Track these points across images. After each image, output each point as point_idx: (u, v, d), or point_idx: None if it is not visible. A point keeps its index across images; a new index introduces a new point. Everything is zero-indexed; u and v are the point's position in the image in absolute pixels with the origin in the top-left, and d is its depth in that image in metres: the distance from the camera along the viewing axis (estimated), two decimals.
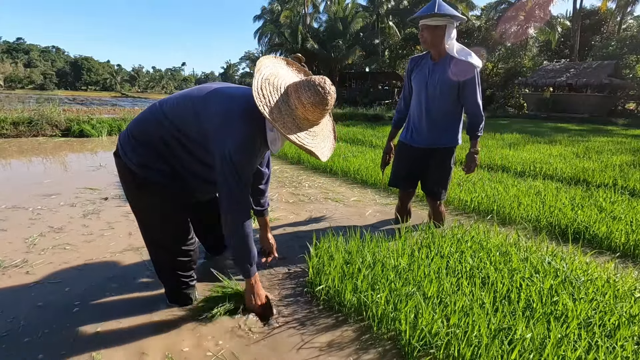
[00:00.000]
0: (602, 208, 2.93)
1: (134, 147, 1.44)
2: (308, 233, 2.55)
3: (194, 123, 1.38)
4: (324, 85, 1.29)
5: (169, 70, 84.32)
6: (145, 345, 1.40)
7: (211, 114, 1.36)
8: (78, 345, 1.39)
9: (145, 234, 1.58)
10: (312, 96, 1.28)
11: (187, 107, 1.41)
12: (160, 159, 1.44)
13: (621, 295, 1.61)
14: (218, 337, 1.46)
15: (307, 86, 1.29)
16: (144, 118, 1.47)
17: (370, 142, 6.52)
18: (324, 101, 1.30)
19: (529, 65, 22.54)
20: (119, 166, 1.49)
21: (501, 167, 4.74)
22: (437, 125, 2.41)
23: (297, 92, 1.30)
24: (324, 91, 1.29)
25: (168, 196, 1.49)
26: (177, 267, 1.60)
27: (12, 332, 1.45)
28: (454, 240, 2.12)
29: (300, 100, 1.29)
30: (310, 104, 1.29)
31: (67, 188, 3.40)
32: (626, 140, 7.95)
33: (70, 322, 1.52)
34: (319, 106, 1.30)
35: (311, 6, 27.82)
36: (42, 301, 1.65)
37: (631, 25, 26.23)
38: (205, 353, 1.37)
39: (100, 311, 1.59)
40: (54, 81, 55.02)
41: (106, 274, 1.89)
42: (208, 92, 1.42)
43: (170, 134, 1.41)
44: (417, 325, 1.39)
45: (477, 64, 2.21)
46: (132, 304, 1.66)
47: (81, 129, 6.65)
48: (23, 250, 2.12)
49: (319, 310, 1.65)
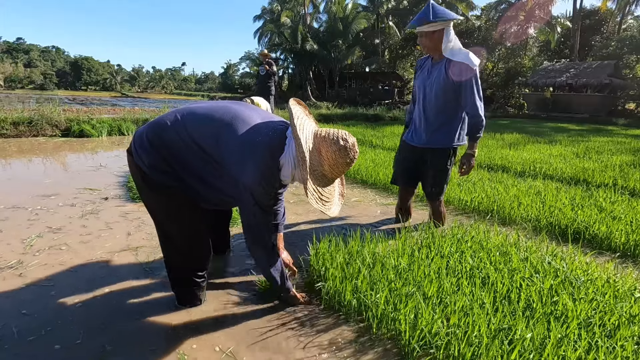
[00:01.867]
0: (602, 208, 2.93)
1: (148, 150, 1.44)
2: (308, 233, 2.55)
3: (213, 145, 1.40)
4: (351, 147, 1.37)
5: (169, 70, 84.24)
6: (153, 344, 1.40)
7: (233, 143, 1.37)
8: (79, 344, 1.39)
9: (159, 230, 1.59)
10: (340, 157, 1.36)
11: (209, 128, 1.41)
12: (171, 165, 1.44)
13: (621, 295, 1.61)
14: (226, 335, 1.46)
15: (336, 146, 1.35)
16: (163, 125, 1.44)
17: (370, 142, 6.52)
18: (350, 162, 1.38)
19: (529, 65, 22.51)
20: (130, 164, 1.51)
21: (501, 167, 4.74)
22: (432, 126, 2.41)
23: (326, 148, 1.36)
24: (352, 153, 1.37)
25: (178, 197, 1.49)
26: (188, 266, 1.60)
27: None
28: (454, 240, 2.12)
29: (328, 158, 1.36)
30: (337, 164, 1.37)
31: (66, 188, 3.39)
32: (626, 140, 7.95)
33: (70, 323, 1.51)
34: (343, 166, 1.38)
35: (311, 6, 27.81)
36: (38, 303, 1.65)
37: (631, 25, 26.22)
38: (214, 348, 1.37)
39: (101, 311, 1.59)
40: (54, 81, 54.97)
41: (107, 274, 1.89)
42: (233, 117, 1.42)
43: (187, 145, 1.41)
44: (417, 326, 1.39)
45: (473, 64, 2.19)
46: (133, 305, 1.66)
47: (81, 129, 6.64)
48: (19, 252, 2.11)
49: (319, 310, 1.65)
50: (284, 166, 1.39)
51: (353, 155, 1.37)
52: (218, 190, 1.49)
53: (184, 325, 1.53)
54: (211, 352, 1.38)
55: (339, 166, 1.37)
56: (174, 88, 67.99)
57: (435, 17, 2.14)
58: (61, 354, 1.35)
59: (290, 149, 1.38)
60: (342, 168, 1.38)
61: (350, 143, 1.36)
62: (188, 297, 1.64)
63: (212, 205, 1.63)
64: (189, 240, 1.57)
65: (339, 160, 1.36)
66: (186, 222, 1.56)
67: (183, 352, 1.37)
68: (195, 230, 1.59)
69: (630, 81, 18.19)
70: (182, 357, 1.34)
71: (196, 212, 1.58)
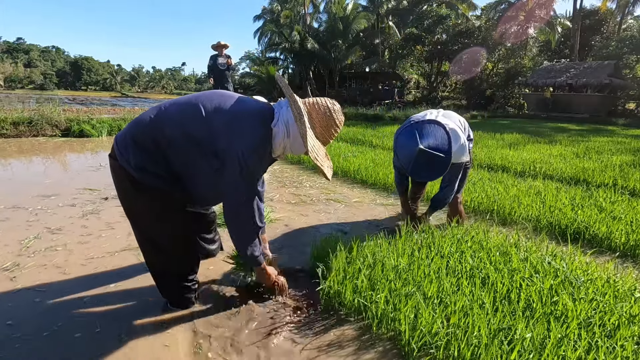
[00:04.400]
0: (602, 208, 2.93)
1: (133, 150, 1.38)
2: (309, 234, 2.55)
3: (201, 124, 1.37)
4: (338, 110, 1.50)
5: (169, 70, 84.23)
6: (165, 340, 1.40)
7: (222, 114, 1.37)
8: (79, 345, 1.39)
9: (142, 237, 1.53)
10: (330, 119, 1.48)
11: (194, 111, 1.38)
12: (159, 164, 1.39)
13: (621, 295, 1.61)
14: (226, 335, 1.46)
15: (326, 108, 1.47)
16: (147, 120, 1.41)
17: (370, 142, 6.52)
18: (339, 123, 1.51)
19: (529, 65, 22.50)
20: (115, 168, 1.43)
21: (501, 167, 4.74)
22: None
23: (316, 111, 1.47)
24: (340, 115, 1.50)
25: (166, 198, 1.44)
26: (178, 271, 1.57)
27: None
28: (454, 240, 2.12)
29: (319, 120, 1.47)
30: (328, 126, 1.48)
31: (66, 188, 3.39)
32: (626, 140, 7.94)
33: (69, 324, 1.51)
34: (334, 127, 1.49)
35: (311, 6, 27.80)
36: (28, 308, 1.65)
37: (631, 25, 26.20)
38: (207, 355, 1.37)
39: (103, 309, 1.60)
40: (54, 81, 54.98)
41: (105, 274, 1.89)
42: (216, 94, 1.45)
43: (175, 136, 1.37)
44: (417, 326, 1.39)
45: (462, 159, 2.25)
46: (133, 305, 1.66)
47: (81, 129, 6.64)
48: (16, 253, 2.09)
49: (319, 310, 1.65)
50: (276, 135, 1.43)
51: (341, 117, 1.52)
52: (206, 182, 1.45)
53: (184, 324, 1.53)
54: (211, 351, 1.38)
55: (329, 128, 1.48)
56: (174, 88, 67.98)
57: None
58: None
59: (281, 116, 1.43)
60: (332, 130, 1.49)
61: (337, 107, 1.50)
62: (180, 301, 1.61)
63: (204, 201, 1.60)
64: (179, 243, 1.54)
65: (330, 122, 1.47)
66: (175, 224, 1.51)
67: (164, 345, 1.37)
68: (185, 233, 1.56)
69: (630, 81, 18.18)
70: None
71: (184, 213, 1.56)
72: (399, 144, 2.23)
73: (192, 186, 1.47)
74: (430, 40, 23.84)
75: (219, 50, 7.68)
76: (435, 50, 23.50)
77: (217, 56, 7.65)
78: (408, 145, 2.06)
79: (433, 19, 23.63)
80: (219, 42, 7.64)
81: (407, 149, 2.07)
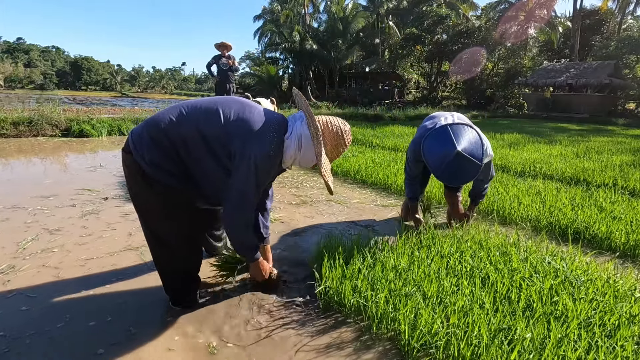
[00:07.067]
0: (602, 208, 2.93)
1: (149, 146, 1.41)
2: (309, 234, 2.55)
3: (219, 127, 1.42)
4: (348, 131, 1.58)
5: (169, 70, 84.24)
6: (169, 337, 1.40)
7: (240, 120, 1.43)
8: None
9: (150, 233, 1.55)
10: (340, 139, 1.56)
11: (215, 113, 1.44)
12: (173, 161, 1.43)
13: (621, 295, 1.61)
14: (226, 335, 1.46)
15: (338, 130, 1.55)
16: (166, 120, 1.43)
17: (370, 142, 6.51)
18: (347, 144, 1.60)
19: (529, 65, 22.51)
20: (128, 162, 1.45)
21: (501, 167, 4.74)
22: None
23: (329, 131, 1.54)
24: (349, 137, 1.59)
25: (176, 196, 1.47)
26: (183, 269, 1.59)
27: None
28: (453, 240, 2.12)
29: (331, 139, 1.55)
30: (338, 145, 1.56)
31: (66, 188, 3.39)
32: (626, 140, 7.95)
33: (70, 323, 1.51)
34: (342, 147, 1.58)
35: (311, 6, 27.81)
36: (25, 307, 1.65)
37: (631, 25, 26.21)
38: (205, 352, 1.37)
39: (103, 309, 1.60)
40: (54, 81, 55.00)
41: (110, 273, 1.89)
42: (235, 102, 1.51)
43: (191, 135, 1.41)
44: (417, 326, 1.39)
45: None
46: (134, 306, 1.66)
47: (81, 128, 6.64)
48: (12, 255, 2.06)
49: (319, 310, 1.65)
50: (288, 147, 1.50)
51: (350, 138, 1.60)
52: (217, 182, 1.48)
53: (184, 324, 1.53)
54: (211, 351, 1.38)
55: (338, 147, 1.56)
56: (174, 88, 68.01)
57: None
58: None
59: (295, 130, 1.50)
60: (341, 149, 1.57)
61: (347, 127, 1.59)
62: (184, 299, 1.63)
63: (214, 200, 1.60)
64: (186, 242, 1.56)
65: (339, 141, 1.55)
66: (183, 222, 1.53)
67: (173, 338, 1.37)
68: (191, 232, 1.58)
69: (630, 81, 18.18)
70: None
71: (193, 212, 1.57)
72: (427, 148, 2.16)
73: (203, 185, 1.50)
74: (430, 40, 23.84)
75: (222, 50, 7.66)
76: (435, 50, 23.51)
77: (220, 56, 7.64)
78: (440, 150, 2.08)
79: (433, 19, 23.63)
80: (222, 42, 7.61)
81: (438, 153, 2.09)
